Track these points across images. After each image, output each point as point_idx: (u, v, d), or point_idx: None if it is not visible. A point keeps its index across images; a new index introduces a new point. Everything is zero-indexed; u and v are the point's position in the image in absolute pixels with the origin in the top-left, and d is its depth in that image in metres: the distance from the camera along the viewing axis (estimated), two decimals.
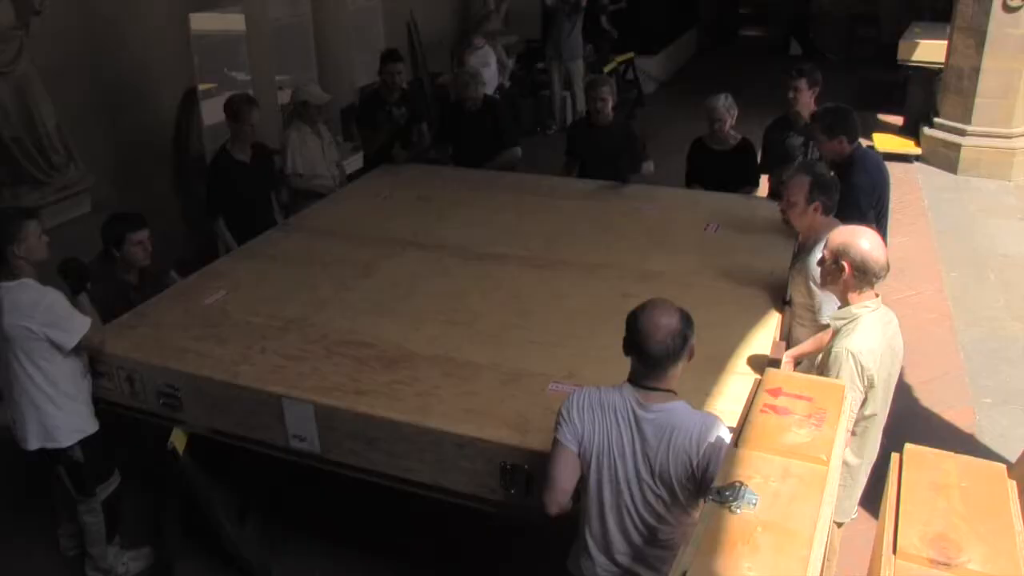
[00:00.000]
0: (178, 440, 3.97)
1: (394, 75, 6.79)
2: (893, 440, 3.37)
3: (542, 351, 3.89)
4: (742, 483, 2.00)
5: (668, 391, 2.80)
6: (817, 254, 3.69)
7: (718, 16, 17.67)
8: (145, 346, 4.06)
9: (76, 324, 3.82)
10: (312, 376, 3.75)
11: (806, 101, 5.72)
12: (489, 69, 9.60)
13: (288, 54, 9.34)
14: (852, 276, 3.32)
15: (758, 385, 2.44)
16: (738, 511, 1.93)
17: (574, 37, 11.15)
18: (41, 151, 5.76)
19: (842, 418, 2.30)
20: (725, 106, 5.80)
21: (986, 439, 5.20)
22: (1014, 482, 2.13)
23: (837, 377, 3.24)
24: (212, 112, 7.40)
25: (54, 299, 3.79)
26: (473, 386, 3.64)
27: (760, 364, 3.69)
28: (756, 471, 2.06)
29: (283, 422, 3.66)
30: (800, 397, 2.33)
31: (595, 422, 2.82)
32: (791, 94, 5.73)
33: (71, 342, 3.81)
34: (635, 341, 2.78)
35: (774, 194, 5.57)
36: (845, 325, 3.36)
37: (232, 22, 8.45)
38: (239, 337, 4.11)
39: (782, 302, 4.28)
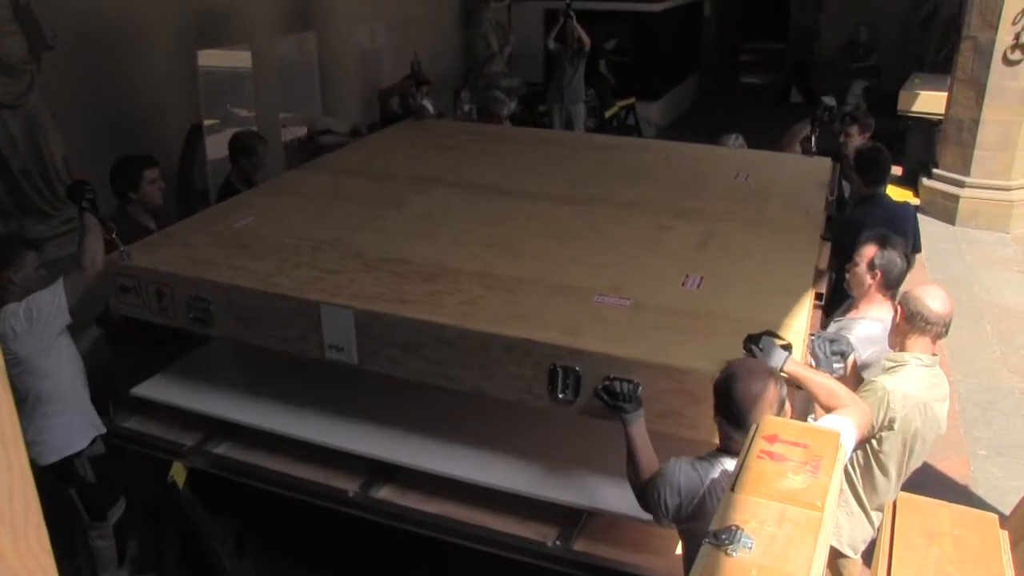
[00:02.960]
0: (178, 474, 3.99)
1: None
2: None
3: (585, 269, 3.86)
4: (738, 527, 2.02)
5: None
6: (858, 328, 3.91)
7: (719, 63, 17.83)
8: (175, 260, 4.00)
9: (57, 295, 3.76)
10: (351, 286, 3.70)
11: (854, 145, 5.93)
12: None
13: (293, 92, 9.42)
14: (903, 321, 3.57)
15: (755, 431, 2.47)
16: (734, 554, 1.95)
17: (576, 81, 11.23)
18: (48, 183, 5.81)
19: (837, 465, 2.33)
20: (737, 144, 5.96)
21: (980, 490, 5.21)
22: (1006, 532, 2.16)
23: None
24: (216, 147, 7.46)
25: (31, 304, 3.74)
26: (517, 296, 3.60)
27: (804, 286, 3.73)
28: (752, 515, 2.08)
29: (319, 332, 3.59)
30: (796, 444, 2.36)
31: (705, 510, 2.73)
32: (841, 138, 6.01)
33: (66, 312, 3.79)
34: (731, 414, 2.76)
35: None
36: (893, 367, 3.55)
37: (239, 59, 8.53)
38: (273, 254, 4.04)
39: (821, 237, 4.41)
